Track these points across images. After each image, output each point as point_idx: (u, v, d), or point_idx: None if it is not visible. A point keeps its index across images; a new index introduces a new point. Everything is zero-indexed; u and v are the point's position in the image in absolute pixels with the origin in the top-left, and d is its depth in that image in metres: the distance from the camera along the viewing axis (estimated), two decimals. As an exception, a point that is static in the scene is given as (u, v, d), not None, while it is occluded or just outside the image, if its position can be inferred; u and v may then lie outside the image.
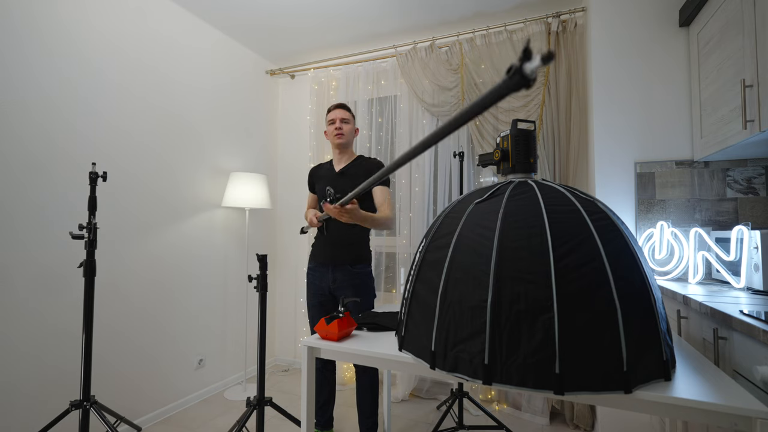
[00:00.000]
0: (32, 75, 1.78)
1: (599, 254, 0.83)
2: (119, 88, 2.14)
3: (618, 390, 0.78)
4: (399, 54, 2.79)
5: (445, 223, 1.02)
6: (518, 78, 0.44)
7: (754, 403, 0.74)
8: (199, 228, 2.60)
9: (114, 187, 2.10)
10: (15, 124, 1.72)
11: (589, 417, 2.19)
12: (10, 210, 1.70)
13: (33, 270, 1.76)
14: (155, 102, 2.33)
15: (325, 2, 2.44)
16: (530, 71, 0.43)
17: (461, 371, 0.86)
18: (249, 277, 1.77)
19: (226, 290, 2.82)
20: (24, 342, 1.72)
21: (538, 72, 0.47)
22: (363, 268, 1.97)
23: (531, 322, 0.80)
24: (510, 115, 2.48)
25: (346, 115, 2.03)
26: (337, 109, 2.04)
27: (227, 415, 2.36)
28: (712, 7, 1.70)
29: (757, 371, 0.96)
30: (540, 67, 0.42)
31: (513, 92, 0.47)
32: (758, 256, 1.43)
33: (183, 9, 2.51)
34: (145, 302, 2.24)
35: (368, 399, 1.95)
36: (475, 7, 2.48)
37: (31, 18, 1.78)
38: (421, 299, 0.98)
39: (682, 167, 1.96)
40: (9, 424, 1.67)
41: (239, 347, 2.93)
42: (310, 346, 1.19)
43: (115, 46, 2.12)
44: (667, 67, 2.01)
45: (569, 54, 2.36)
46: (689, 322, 1.46)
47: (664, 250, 1.86)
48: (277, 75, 3.36)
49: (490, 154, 1.15)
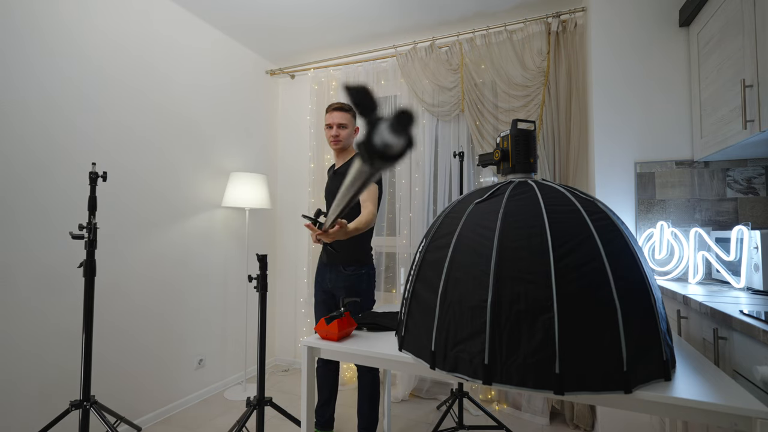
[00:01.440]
0: (33, 74, 1.78)
1: (599, 254, 0.83)
2: (120, 87, 2.14)
3: (618, 390, 0.78)
4: (399, 54, 2.79)
5: (445, 223, 1.02)
6: (368, 158, 0.31)
7: (754, 403, 0.74)
8: (199, 228, 2.60)
9: (115, 186, 2.10)
10: (16, 124, 1.72)
11: (589, 417, 2.19)
12: (12, 209, 1.70)
13: (34, 269, 1.76)
14: (155, 102, 2.33)
15: (325, 2, 2.44)
16: (380, 144, 0.30)
17: (461, 371, 0.86)
18: (249, 277, 1.77)
19: (226, 290, 2.82)
20: (24, 341, 1.72)
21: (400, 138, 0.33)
22: (354, 270, 1.94)
23: (531, 322, 0.80)
24: (510, 115, 2.48)
25: (344, 119, 1.95)
26: (335, 112, 1.95)
27: (227, 415, 2.36)
28: (712, 7, 1.70)
29: (757, 371, 0.96)
30: (397, 137, 0.28)
31: (380, 172, 0.34)
32: (758, 256, 1.43)
33: (183, 9, 2.51)
34: (145, 302, 2.24)
35: (369, 398, 1.94)
36: (475, 7, 2.48)
37: (32, 17, 1.78)
38: (421, 299, 0.98)
39: (682, 167, 1.96)
40: (9, 424, 1.67)
41: (239, 347, 2.93)
42: (310, 346, 1.19)
43: (116, 46, 2.12)
44: (667, 67, 2.01)
45: (569, 54, 2.36)
46: (689, 322, 1.46)
47: (664, 250, 1.86)
48: (277, 75, 3.36)
49: (490, 154, 1.15)
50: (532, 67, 2.42)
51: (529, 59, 2.44)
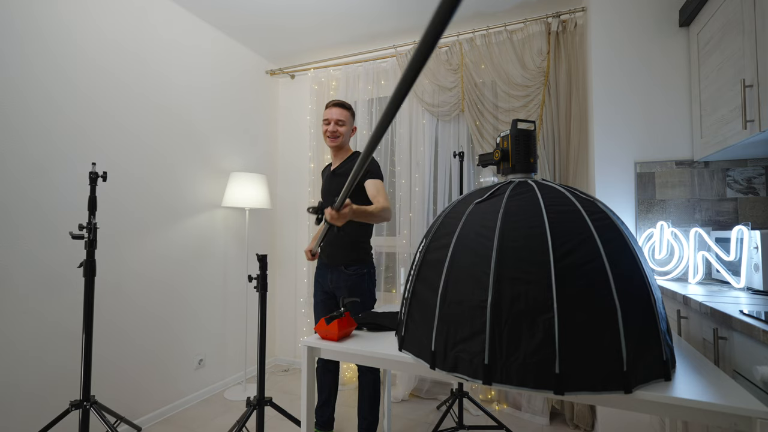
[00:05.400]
0: (33, 75, 1.78)
1: (599, 254, 0.83)
2: (120, 87, 2.14)
3: (618, 390, 0.78)
4: (399, 54, 2.79)
5: (445, 223, 1.02)
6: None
7: (754, 403, 0.74)
8: (199, 228, 2.60)
9: (114, 186, 2.10)
10: (16, 124, 1.72)
11: (589, 417, 2.19)
12: (12, 209, 1.70)
13: (34, 269, 1.76)
14: (156, 101, 2.33)
15: (325, 2, 2.44)
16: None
17: (461, 371, 0.86)
18: (249, 277, 1.77)
19: (226, 290, 2.82)
20: (24, 342, 1.72)
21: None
22: (357, 269, 1.93)
23: (531, 322, 0.80)
24: (510, 115, 2.48)
25: (343, 116, 1.91)
26: (334, 108, 1.91)
27: (227, 415, 2.36)
28: (712, 7, 1.70)
29: (757, 371, 0.96)
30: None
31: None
32: (758, 256, 1.43)
33: (183, 9, 2.51)
34: (145, 302, 2.24)
35: (369, 398, 1.94)
36: (475, 7, 2.48)
37: (32, 17, 1.78)
38: (421, 299, 0.98)
39: (682, 167, 1.96)
40: (9, 424, 1.67)
41: (239, 347, 2.93)
42: (310, 346, 1.19)
43: (116, 46, 2.12)
44: (667, 67, 2.01)
45: (569, 54, 2.36)
46: (689, 322, 1.46)
47: (664, 250, 1.86)
48: (277, 75, 3.36)
49: (490, 154, 1.15)
50: (532, 67, 2.42)
51: (529, 59, 2.44)
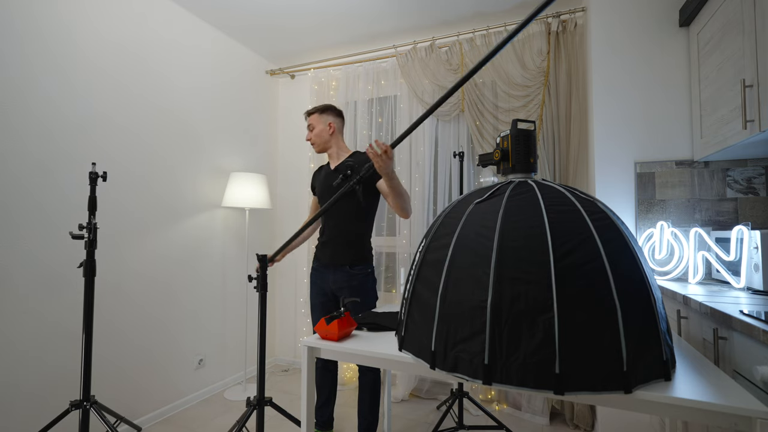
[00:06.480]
0: (33, 75, 1.78)
1: (599, 254, 0.83)
2: (120, 87, 2.14)
3: (618, 390, 0.78)
4: (399, 54, 2.79)
5: (445, 223, 1.02)
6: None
7: (754, 403, 0.74)
8: (199, 228, 2.60)
9: (115, 186, 2.10)
10: (16, 124, 1.72)
11: (589, 417, 2.19)
12: (12, 209, 1.70)
13: (34, 269, 1.76)
14: (156, 101, 2.33)
15: (325, 2, 2.44)
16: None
17: (461, 371, 0.86)
18: (249, 277, 1.77)
19: (226, 290, 2.82)
20: (24, 342, 1.72)
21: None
22: (362, 269, 1.95)
23: (531, 322, 0.80)
24: (510, 115, 2.48)
25: (311, 121, 2.01)
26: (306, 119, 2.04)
27: (227, 415, 2.36)
28: (712, 7, 1.70)
29: (757, 371, 0.96)
30: None
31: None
32: (758, 256, 1.43)
33: (183, 9, 2.51)
34: (145, 302, 2.24)
35: (369, 398, 1.94)
36: (475, 7, 2.48)
37: (32, 17, 1.78)
38: (421, 299, 0.98)
39: (682, 167, 1.96)
40: (9, 424, 1.67)
41: (239, 347, 2.93)
42: (310, 346, 1.19)
43: (116, 46, 2.12)
44: (667, 67, 2.01)
45: (569, 54, 2.36)
46: (689, 322, 1.46)
47: (664, 250, 1.86)
48: (277, 75, 3.36)
49: (490, 154, 1.15)
50: (532, 67, 2.42)
51: (529, 59, 2.44)
